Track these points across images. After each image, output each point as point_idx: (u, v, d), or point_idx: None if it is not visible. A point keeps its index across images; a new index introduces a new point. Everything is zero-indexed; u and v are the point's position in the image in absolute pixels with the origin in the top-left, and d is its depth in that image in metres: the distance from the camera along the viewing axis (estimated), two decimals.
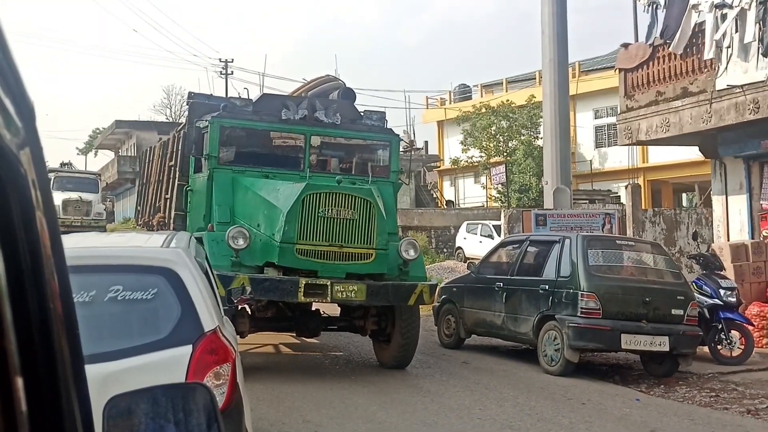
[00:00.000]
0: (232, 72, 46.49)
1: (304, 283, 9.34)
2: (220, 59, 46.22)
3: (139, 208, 17.70)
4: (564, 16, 19.20)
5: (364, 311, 10.57)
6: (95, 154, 68.15)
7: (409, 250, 10.15)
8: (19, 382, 0.81)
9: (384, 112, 12.32)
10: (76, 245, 4.77)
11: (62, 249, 1.05)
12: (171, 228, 12.51)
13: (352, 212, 9.47)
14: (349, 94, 12.01)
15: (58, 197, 28.58)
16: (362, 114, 11.80)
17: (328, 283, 9.38)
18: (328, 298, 9.47)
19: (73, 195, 28.87)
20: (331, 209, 9.41)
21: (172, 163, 13.36)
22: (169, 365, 4.15)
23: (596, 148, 35.22)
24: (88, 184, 31.39)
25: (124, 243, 5.75)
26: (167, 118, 62.24)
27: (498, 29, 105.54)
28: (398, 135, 12.55)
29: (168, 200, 13.47)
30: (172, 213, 12.78)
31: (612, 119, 30.21)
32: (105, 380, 3.67)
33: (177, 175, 12.71)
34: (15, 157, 0.88)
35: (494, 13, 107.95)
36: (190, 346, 4.19)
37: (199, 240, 9.69)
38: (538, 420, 8.23)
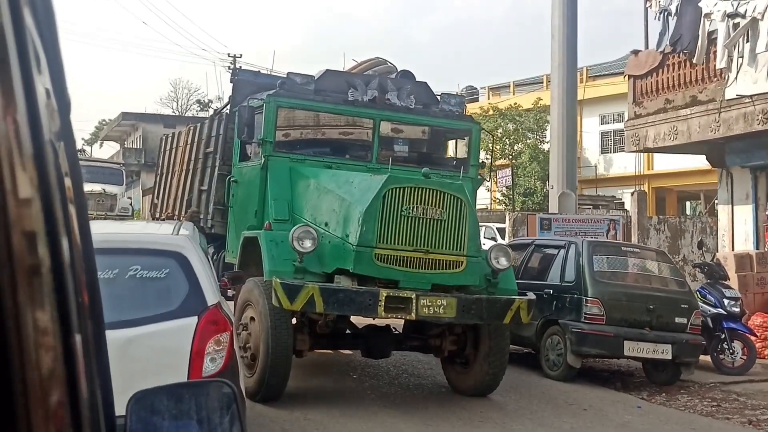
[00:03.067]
0: (241, 67, 46.47)
1: (385, 295, 7.78)
2: (228, 54, 46.24)
3: (156, 201, 15.39)
4: (574, 21, 19.19)
5: (443, 329, 8.96)
6: (101, 146, 68.20)
7: (500, 257, 8.58)
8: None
9: (463, 96, 11.00)
10: (100, 231, 5.53)
11: (91, 241, 1.06)
12: (209, 226, 11.28)
13: (441, 212, 8.02)
14: (408, 79, 10.46)
15: None
16: (439, 98, 10.38)
17: (413, 296, 7.83)
18: (413, 314, 7.87)
19: (96, 187, 25.44)
20: (417, 207, 7.97)
21: (210, 149, 11.72)
22: (179, 332, 4.99)
23: (602, 153, 35.18)
24: (113, 175, 27.86)
25: (140, 230, 6.99)
26: (173, 112, 62.31)
27: (507, 31, 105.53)
28: (479, 123, 11.09)
29: (204, 192, 11.76)
30: (210, 207, 11.27)
31: (618, 125, 30.18)
32: (128, 342, 4.74)
33: (218, 164, 11.20)
34: (54, 149, 0.89)
35: (503, 15, 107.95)
36: (196, 317, 5.03)
37: (253, 240, 8.80)
38: (539, 425, 8.23)
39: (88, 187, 24.04)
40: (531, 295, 8.79)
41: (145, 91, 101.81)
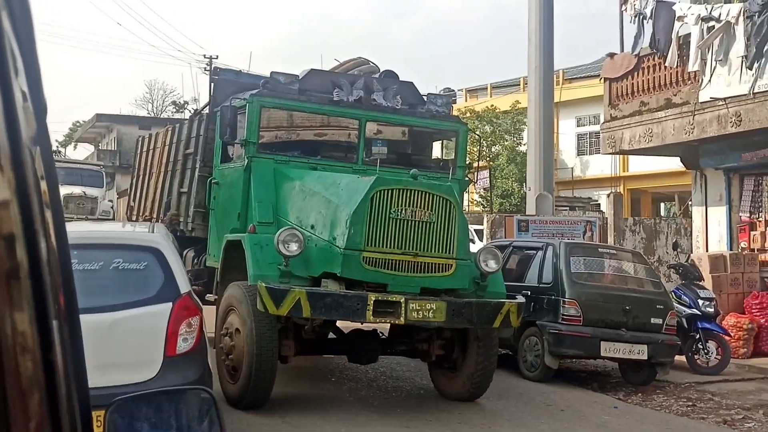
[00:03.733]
0: (217, 68, 46.22)
1: (373, 299, 7.62)
2: (204, 55, 46.00)
3: (132, 203, 14.94)
4: (551, 25, 19.31)
5: (431, 333, 8.82)
6: (75, 147, 67.66)
7: (488, 260, 8.40)
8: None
9: (451, 95, 10.72)
10: (86, 229, 6.50)
11: (67, 245, 1.06)
12: (190, 229, 11.00)
13: (430, 214, 7.89)
14: (392, 79, 10.17)
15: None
16: (425, 98, 10.13)
17: (402, 300, 7.67)
18: (402, 319, 7.71)
19: (76, 190, 24.65)
20: (405, 210, 7.81)
21: (190, 150, 11.38)
22: (156, 316, 5.77)
23: (578, 155, 35.38)
24: (92, 177, 26.92)
25: (120, 229, 7.90)
26: (149, 113, 61.95)
27: (484, 34, 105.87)
28: (467, 124, 10.91)
29: (184, 195, 11.40)
30: (191, 210, 10.91)
31: (594, 127, 30.37)
32: (113, 323, 5.60)
33: (198, 165, 10.85)
34: (30, 153, 0.88)
35: (481, 17, 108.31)
36: (171, 303, 5.84)
37: (236, 243, 8.53)
38: (518, 425, 8.26)
39: (67, 190, 23.58)
40: (520, 298, 8.73)
41: (119, 93, 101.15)
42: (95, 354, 5.19)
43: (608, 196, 20.45)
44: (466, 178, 10.36)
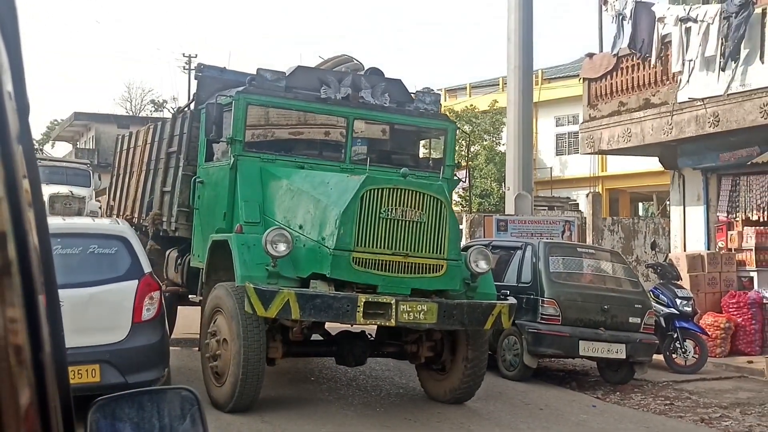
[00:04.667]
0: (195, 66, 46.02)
1: (363, 301, 7.46)
2: (183, 54, 45.81)
3: (112, 203, 14.61)
4: (530, 25, 19.37)
5: (420, 334, 8.70)
6: (53, 146, 67.14)
7: (479, 261, 8.27)
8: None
9: (439, 94, 10.37)
10: (66, 221, 8.58)
11: (49, 243, 1.05)
12: (173, 228, 10.66)
13: (420, 213, 7.73)
14: (378, 76, 9.95)
15: (44, 191, 22.09)
16: (413, 96, 9.98)
17: (393, 302, 7.51)
18: (392, 321, 7.53)
19: (62, 189, 23.25)
20: (396, 209, 7.66)
21: (173, 149, 11.04)
22: (124, 291, 7.22)
23: (557, 155, 35.55)
24: (79, 175, 25.41)
25: (94, 222, 10.15)
26: (127, 112, 61.57)
27: (463, 33, 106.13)
28: (455, 122, 10.68)
29: (167, 194, 11.07)
30: (174, 209, 10.59)
31: (573, 127, 30.52)
32: (90, 296, 6.99)
33: (182, 164, 10.54)
34: (11, 151, 0.88)
35: (460, 16, 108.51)
36: (137, 280, 7.29)
37: (222, 243, 8.39)
38: (496, 425, 8.28)
39: (53, 189, 22.74)
40: (512, 300, 8.62)
41: (98, 91, 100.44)
42: (77, 320, 6.51)
43: (587, 195, 20.58)
44: (455, 177, 10.17)
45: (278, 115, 9.65)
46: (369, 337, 9.07)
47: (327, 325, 8.68)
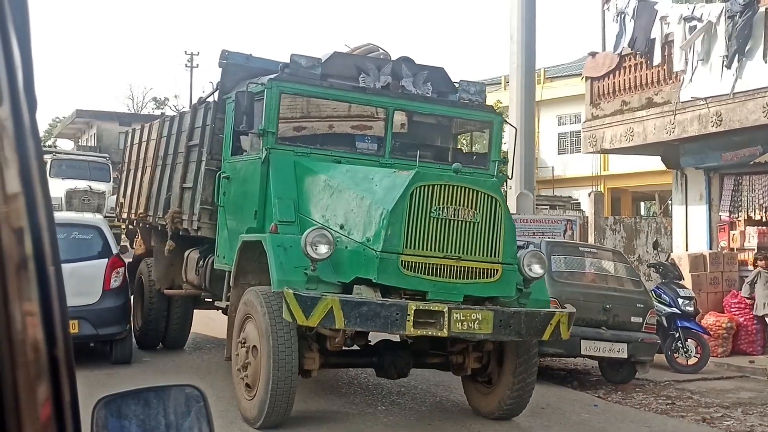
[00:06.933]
0: (198, 65, 46.12)
1: (414, 309, 6.79)
2: (185, 51, 45.80)
3: (122, 200, 13.95)
4: (533, 23, 19.36)
5: (466, 344, 7.95)
6: (54, 143, 67.19)
7: (533, 264, 7.61)
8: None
9: (484, 84, 9.78)
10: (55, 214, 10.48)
11: (56, 240, 1.05)
12: (195, 228, 9.88)
13: (474, 213, 7.09)
14: (419, 65, 9.30)
15: (60, 187, 21.53)
16: (457, 85, 9.32)
17: (445, 310, 6.86)
18: (445, 330, 6.87)
19: (80, 184, 22.17)
20: (447, 208, 7.03)
21: (195, 142, 10.30)
22: (97, 266, 9.86)
23: (559, 154, 35.52)
24: (98, 170, 24.06)
25: (74, 215, 14.14)
26: (129, 110, 61.59)
27: (467, 33, 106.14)
28: (501, 114, 9.81)
29: (188, 191, 10.31)
30: (196, 207, 9.85)
31: (575, 126, 30.51)
32: (72, 270, 9.16)
33: (204, 158, 9.82)
34: (27, 147, 0.89)
35: (462, 14, 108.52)
36: (107, 259, 9.99)
37: (253, 244, 7.79)
38: (498, 423, 8.27)
39: (70, 184, 21.96)
40: (570, 308, 8.05)
41: (99, 89, 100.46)
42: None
43: (589, 195, 20.55)
44: (501, 174, 9.47)
45: (312, 104, 9.02)
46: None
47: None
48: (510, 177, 9.97)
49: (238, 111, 8.37)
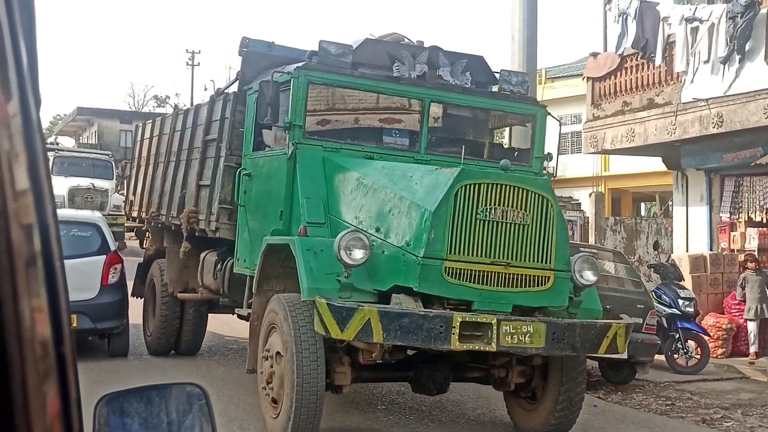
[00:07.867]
0: (199, 63, 46.13)
1: (459, 321, 6.17)
2: (186, 50, 45.81)
3: (132, 197, 13.26)
4: (534, 24, 19.31)
5: (512, 357, 7.20)
6: (55, 140, 67.22)
7: (585, 271, 6.94)
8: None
9: (526, 74, 9.17)
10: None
11: (59, 236, 1.05)
12: (213, 228, 9.17)
13: (524, 214, 6.48)
14: (457, 53, 8.57)
15: (63, 184, 21.28)
16: (498, 75, 8.67)
17: (494, 322, 6.23)
18: (493, 344, 6.25)
19: (83, 182, 21.78)
20: (495, 209, 6.42)
21: (213, 136, 9.57)
22: (96, 263, 10.12)
23: (559, 154, 35.53)
24: (101, 167, 23.62)
25: (75, 212, 13.95)
26: (130, 107, 61.61)
27: (468, 33, 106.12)
28: (545, 107, 9.16)
29: (205, 188, 9.60)
30: (214, 206, 9.13)
31: (576, 127, 30.49)
32: (72, 266, 8.83)
33: (223, 154, 9.13)
34: (35, 143, 0.90)
35: (464, 15, 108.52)
36: (105, 255, 10.28)
37: (279, 248, 7.22)
38: (498, 423, 8.27)
39: (73, 182, 21.66)
40: (627, 319, 7.42)
41: (100, 86, 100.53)
42: None
43: (589, 195, 20.56)
44: (545, 171, 8.82)
45: (343, 95, 8.33)
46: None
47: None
48: (554, 175, 9.28)
49: (262, 102, 7.65)
